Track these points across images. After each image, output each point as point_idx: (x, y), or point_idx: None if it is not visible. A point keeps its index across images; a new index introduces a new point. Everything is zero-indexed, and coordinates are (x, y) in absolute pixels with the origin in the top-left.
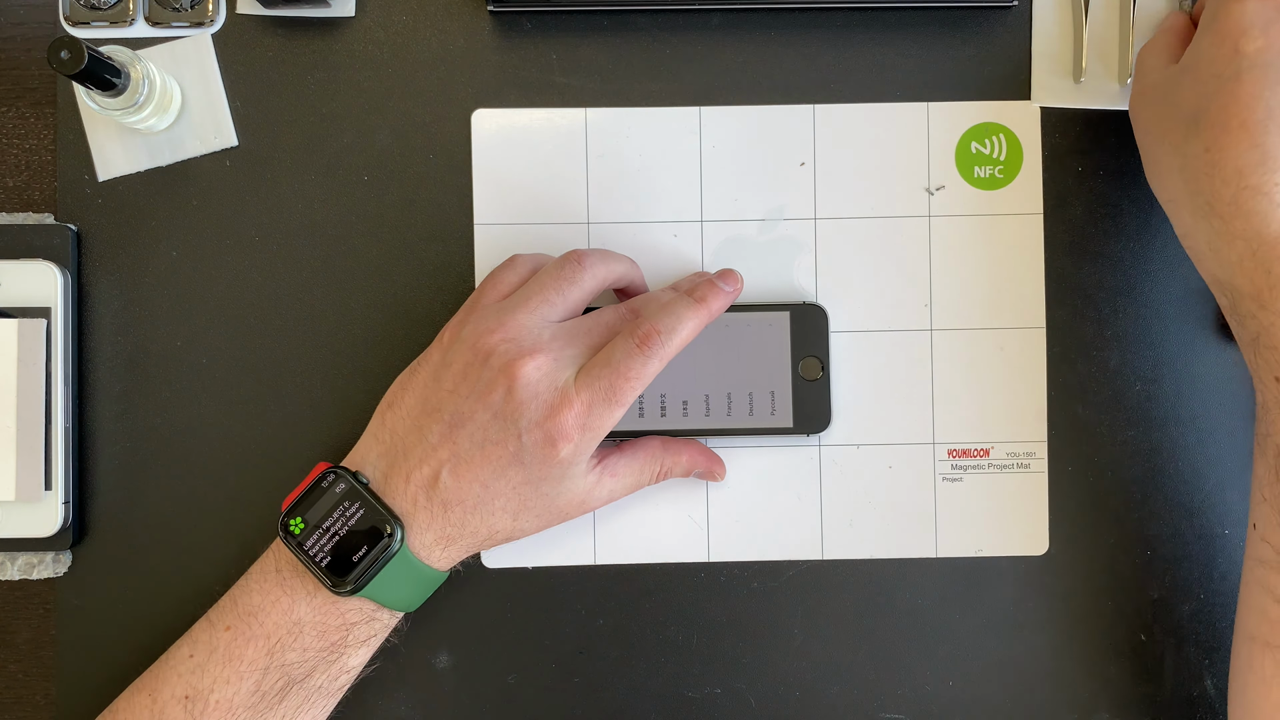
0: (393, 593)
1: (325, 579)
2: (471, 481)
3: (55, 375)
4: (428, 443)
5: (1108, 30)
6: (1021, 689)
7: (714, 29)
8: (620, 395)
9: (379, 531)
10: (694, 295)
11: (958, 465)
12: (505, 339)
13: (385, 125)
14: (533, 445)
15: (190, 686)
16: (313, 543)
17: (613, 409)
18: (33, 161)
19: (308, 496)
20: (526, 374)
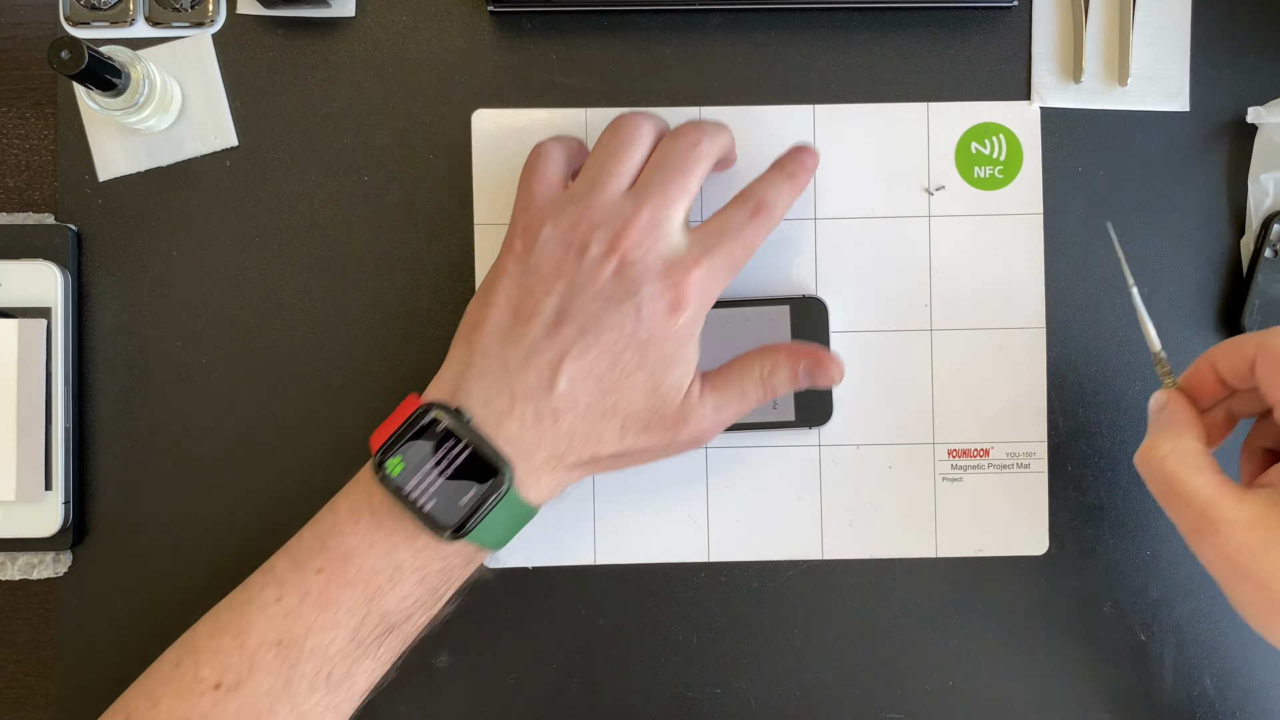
0: (495, 534)
1: (430, 524)
2: (585, 376)
3: (55, 375)
4: (532, 348)
5: (1108, 30)
6: (1022, 689)
7: (714, 29)
8: (737, 262)
9: (487, 471)
10: (786, 171)
11: (958, 465)
12: (595, 224)
13: (385, 125)
14: (650, 316)
15: (282, 631)
16: (414, 486)
17: (728, 275)
18: (33, 161)
19: (404, 434)
20: (635, 241)
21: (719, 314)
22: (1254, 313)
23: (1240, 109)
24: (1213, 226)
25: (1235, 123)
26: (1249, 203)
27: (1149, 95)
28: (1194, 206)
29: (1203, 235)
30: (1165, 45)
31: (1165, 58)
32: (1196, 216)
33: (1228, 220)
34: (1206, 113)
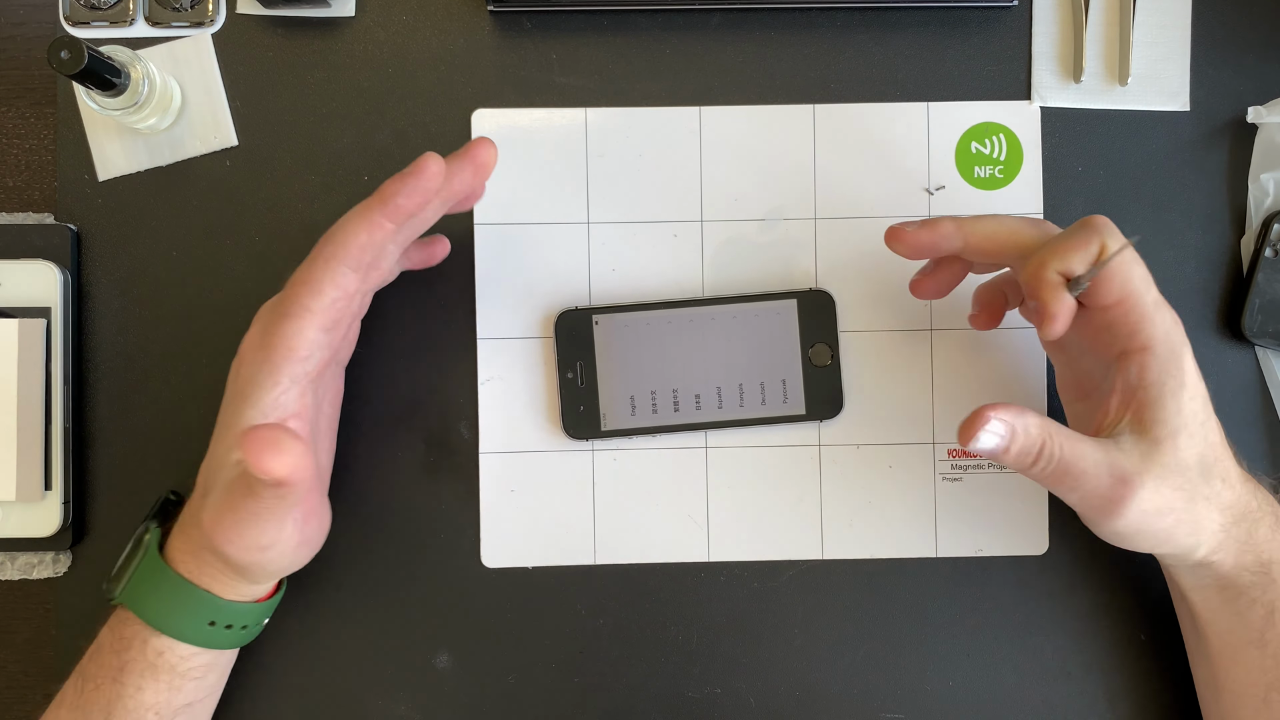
0: (151, 604)
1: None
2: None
3: (55, 375)
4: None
5: (1108, 30)
6: (1021, 689)
7: (714, 29)
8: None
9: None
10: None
11: (958, 465)
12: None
13: (385, 125)
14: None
15: None
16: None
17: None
18: (33, 161)
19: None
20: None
21: (726, 310)
22: (1254, 312)
23: (1240, 109)
24: (1213, 226)
25: (1235, 123)
26: (1249, 203)
27: (1149, 95)
28: (1194, 206)
29: (1203, 235)
30: (1165, 45)
31: (1165, 57)
32: (1196, 216)
33: (1228, 220)
34: (1206, 113)
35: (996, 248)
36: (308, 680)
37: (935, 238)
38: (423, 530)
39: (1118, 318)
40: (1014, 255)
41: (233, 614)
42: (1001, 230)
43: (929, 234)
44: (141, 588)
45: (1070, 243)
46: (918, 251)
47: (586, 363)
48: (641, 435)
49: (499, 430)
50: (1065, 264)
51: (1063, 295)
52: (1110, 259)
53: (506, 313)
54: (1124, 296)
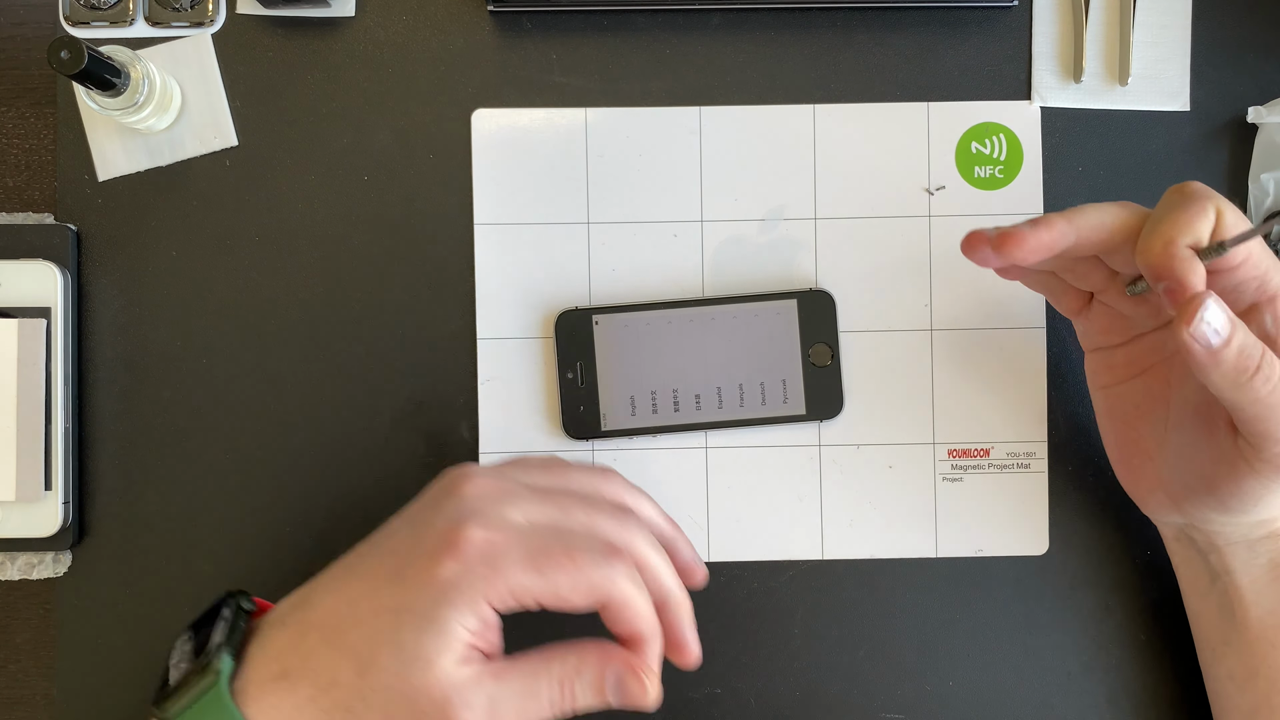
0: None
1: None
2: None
3: (55, 375)
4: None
5: (1108, 30)
6: (1022, 689)
7: (714, 29)
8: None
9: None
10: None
11: (958, 465)
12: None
13: (385, 125)
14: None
15: None
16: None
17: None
18: (33, 161)
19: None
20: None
21: (726, 310)
22: None
23: (1240, 109)
24: None
25: (1235, 123)
26: (1249, 203)
27: (1149, 95)
28: None
29: None
30: (1165, 45)
31: (1165, 58)
32: None
33: None
34: (1206, 113)
35: (1107, 237)
36: None
37: (1053, 237)
38: None
39: (1243, 275)
40: (1118, 240)
41: None
42: (1108, 218)
43: (1048, 233)
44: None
45: (1189, 213)
46: (1036, 254)
47: (586, 363)
48: (641, 435)
49: (499, 430)
50: (1193, 235)
51: (1198, 267)
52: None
53: (506, 313)
54: (1249, 253)
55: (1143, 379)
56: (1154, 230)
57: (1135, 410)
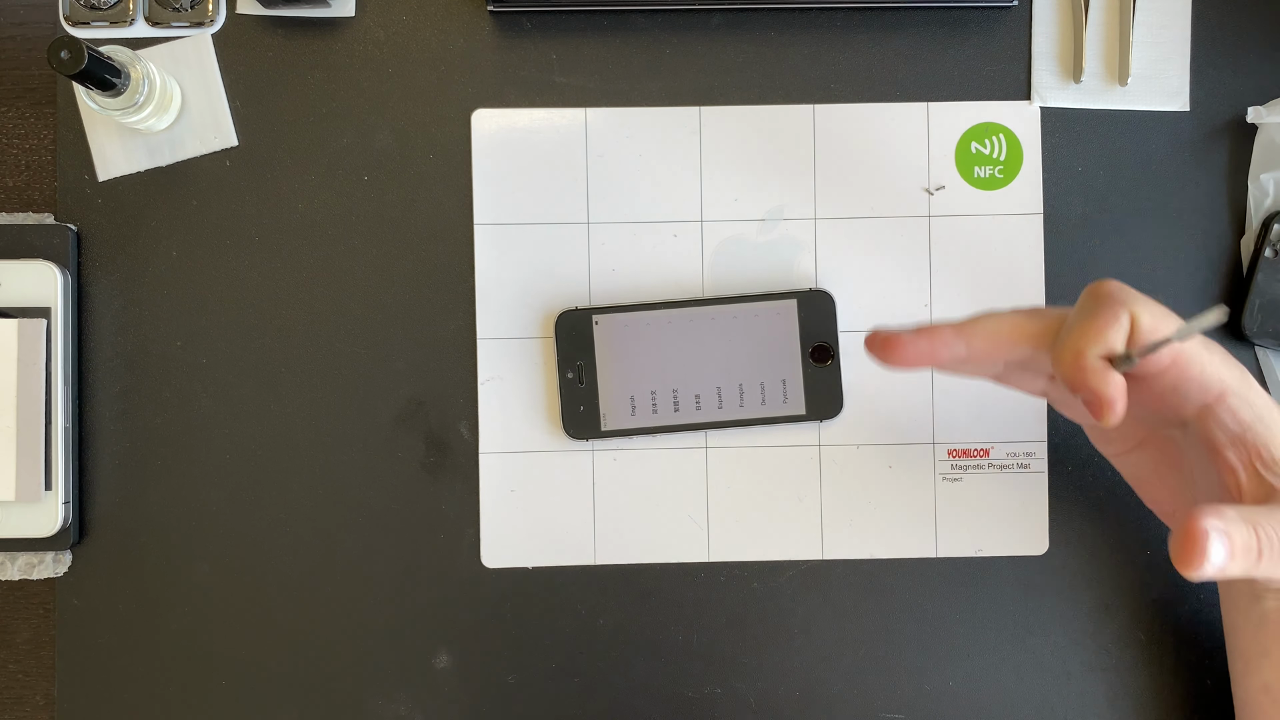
0: None
1: None
2: None
3: (55, 375)
4: None
5: (1108, 30)
6: (1021, 689)
7: (714, 29)
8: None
9: None
10: None
11: (958, 465)
12: None
13: (385, 125)
14: None
15: None
16: None
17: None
18: (33, 161)
19: None
20: None
21: (726, 310)
22: (1254, 312)
23: (1240, 109)
24: (1213, 226)
25: (1235, 123)
26: (1249, 203)
27: (1149, 95)
28: (1194, 206)
29: (1203, 235)
30: (1165, 45)
31: (1165, 58)
32: (1196, 216)
33: (1228, 220)
34: (1206, 113)
35: (1004, 345)
36: (308, 680)
37: (934, 345)
38: (423, 530)
39: (1178, 377)
40: (1023, 350)
41: None
42: (1004, 327)
43: (928, 343)
44: None
45: (1100, 321)
46: (916, 363)
47: (586, 363)
48: (641, 435)
49: (499, 430)
50: (1104, 345)
51: (1112, 378)
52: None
53: (506, 313)
54: (1176, 354)
55: (1146, 449)
56: (1064, 340)
57: (1155, 473)
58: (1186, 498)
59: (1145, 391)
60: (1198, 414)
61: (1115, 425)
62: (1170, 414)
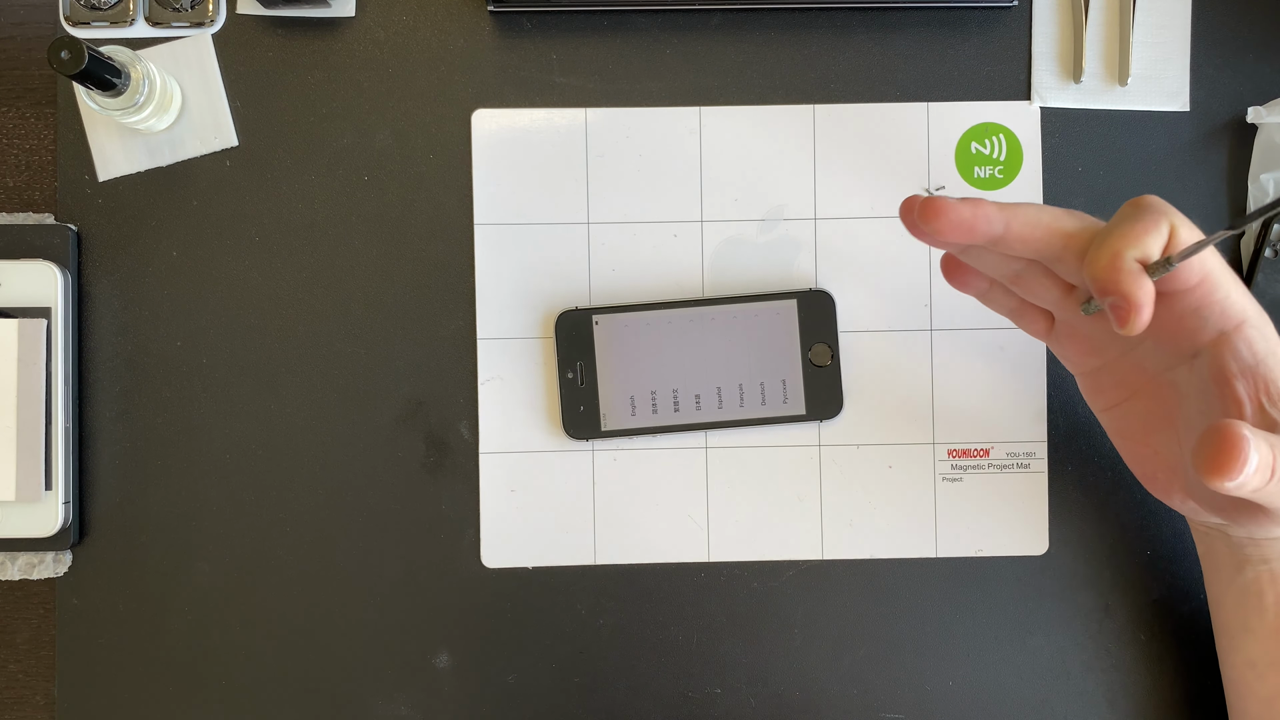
0: None
1: None
2: None
3: (55, 375)
4: None
5: (1108, 30)
6: (1022, 689)
7: (714, 29)
8: None
9: None
10: None
11: (958, 465)
12: None
13: (385, 125)
14: None
15: None
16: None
17: None
18: (33, 161)
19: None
20: None
21: (726, 310)
22: None
23: (1240, 109)
24: (1213, 227)
25: (1235, 123)
26: (1249, 203)
27: (1149, 95)
28: (1194, 206)
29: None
30: (1165, 45)
31: (1165, 58)
32: (1196, 216)
33: (1228, 220)
34: (1206, 113)
35: (1041, 236)
36: (308, 680)
37: (977, 217)
38: (423, 530)
39: (1203, 298)
40: (1056, 245)
41: None
42: (1045, 217)
43: (971, 211)
44: None
45: (1140, 226)
46: (954, 230)
47: (586, 363)
48: (641, 435)
49: (499, 430)
50: (1142, 249)
51: (1145, 283)
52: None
53: (506, 313)
54: (1206, 274)
55: (1140, 399)
56: (1101, 242)
57: (1143, 429)
58: (1172, 454)
59: (1166, 313)
60: (1213, 341)
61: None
62: (1185, 341)
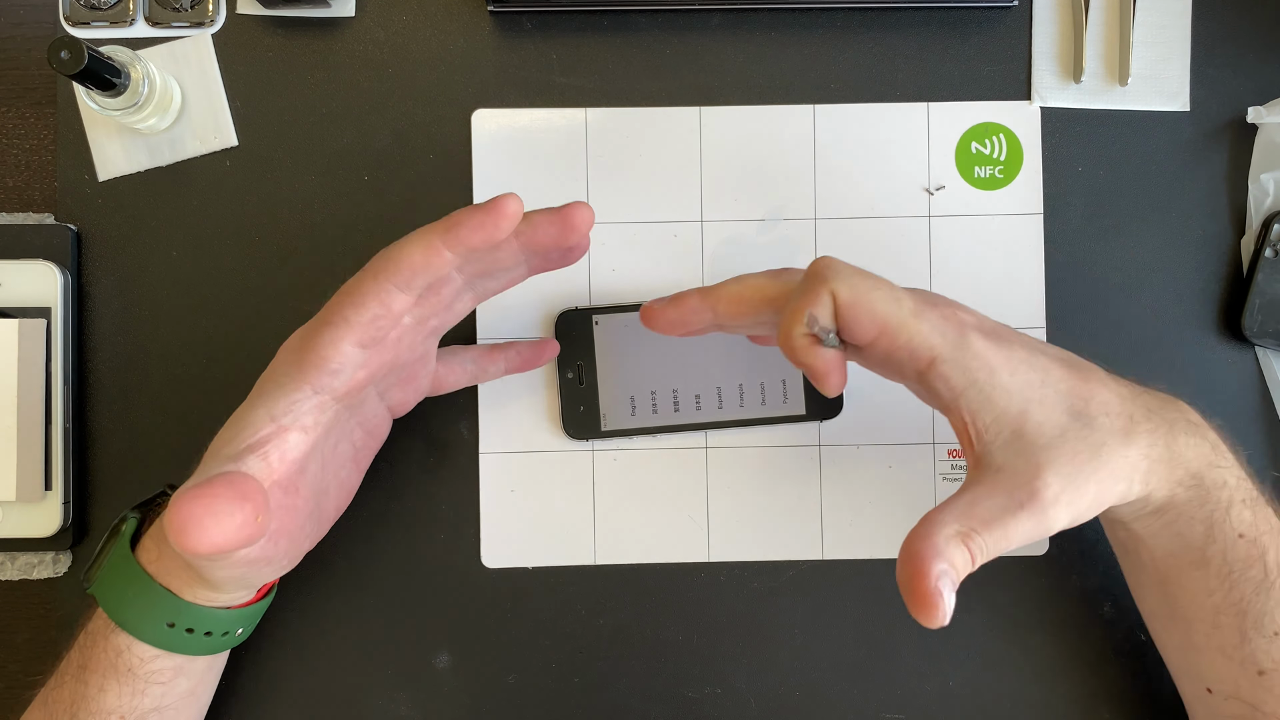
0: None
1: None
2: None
3: (55, 375)
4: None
5: (1108, 30)
6: (1021, 689)
7: (714, 29)
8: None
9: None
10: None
11: (958, 465)
12: None
13: (385, 125)
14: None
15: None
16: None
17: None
18: (33, 161)
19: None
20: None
21: None
22: (1254, 313)
23: (1240, 109)
24: (1213, 226)
25: (1235, 123)
26: (1249, 203)
27: (1149, 95)
28: (1194, 206)
29: (1203, 235)
30: (1165, 45)
31: (1165, 58)
32: (1196, 216)
33: (1228, 220)
34: (1206, 113)
35: (747, 310)
36: (308, 680)
37: (683, 312)
38: (423, 530)
39: (887, 348)
40: (766, 312)
41: (195, 618)
42: (745, 291)
43: (676, 310)
44: (108, 579)
45: (801, 301)
46: (672, 329)
47: (586, 363)
48: (641, 435)
49: (499, 430)
50: (806, 324)
51: (819, 353)
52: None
53: (506, 313)
54: (880, 326)
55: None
56: (781, 319)
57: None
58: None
59: (870, 362)
60: (916, 379)
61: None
62: (901, 380)
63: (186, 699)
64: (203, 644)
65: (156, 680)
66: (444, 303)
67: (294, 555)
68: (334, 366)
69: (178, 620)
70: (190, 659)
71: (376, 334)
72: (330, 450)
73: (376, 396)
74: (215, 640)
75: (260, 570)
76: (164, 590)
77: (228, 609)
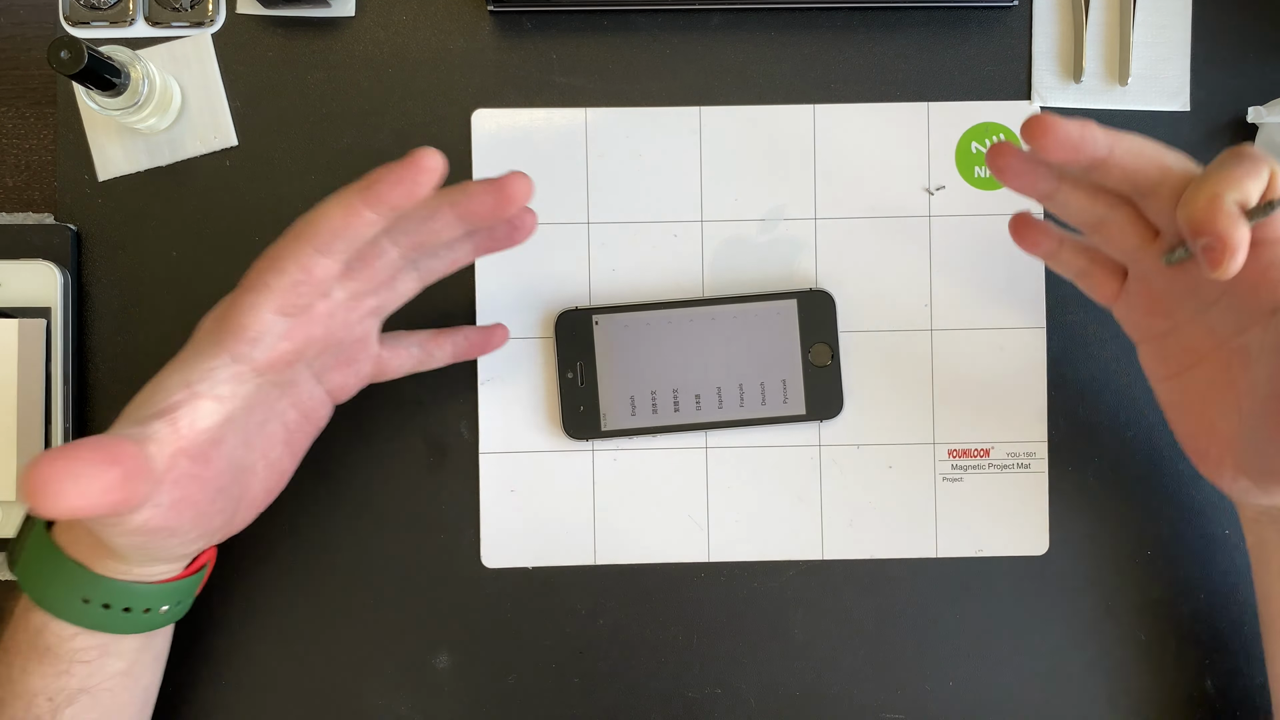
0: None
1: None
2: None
3: (55, 375)
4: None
5: (1108, 30)
6: (1022, 689)
7: (714, 29)
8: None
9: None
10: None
11: (958, 465)
12: None
13: (385, 125)
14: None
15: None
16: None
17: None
18: (33, 161)
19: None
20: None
21: (726, 310)
22: None
23: (1240, 109)
24: None
25: (1235, 123)
26: None
27: (1149, 95)
28: None
29: None
30: (1165, 45)
31: (1165, 58)
32: None
33: None
34: (1206, 113)
35: (1141, 165)
36: (308, 680)
37: (1084, 137)
38: (423, 530)
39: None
40: (1154, 177)
41: (110, 592)
42: (1148, 148)
43: (1079, 130)
44: (25, 557)
45: (1241, 170)
46: (1060, 148)
47: (586, 363)
48: (641, 435)
49: (499, 430)
50: (1242, 193)
51: (1242, 225)
52: None
53: (506, 313)
54: None
55: (1203, 368)
56: (1200, 184)
57: (1201, 400)
58: (1228, 427)
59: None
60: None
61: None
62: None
63: (120, 679)
64: (124, 621)
65: (80, 659)
66: (378, 278)
67: (205, 530)
68: (252, 334)
69: (92, 595)
70: (116, 638)
71: (298, 300)
72: (256, 428)
73: (312, 378)
74: (137, 617)
75: (164, 541)
76: (73, 563)
77: (147, 584)
